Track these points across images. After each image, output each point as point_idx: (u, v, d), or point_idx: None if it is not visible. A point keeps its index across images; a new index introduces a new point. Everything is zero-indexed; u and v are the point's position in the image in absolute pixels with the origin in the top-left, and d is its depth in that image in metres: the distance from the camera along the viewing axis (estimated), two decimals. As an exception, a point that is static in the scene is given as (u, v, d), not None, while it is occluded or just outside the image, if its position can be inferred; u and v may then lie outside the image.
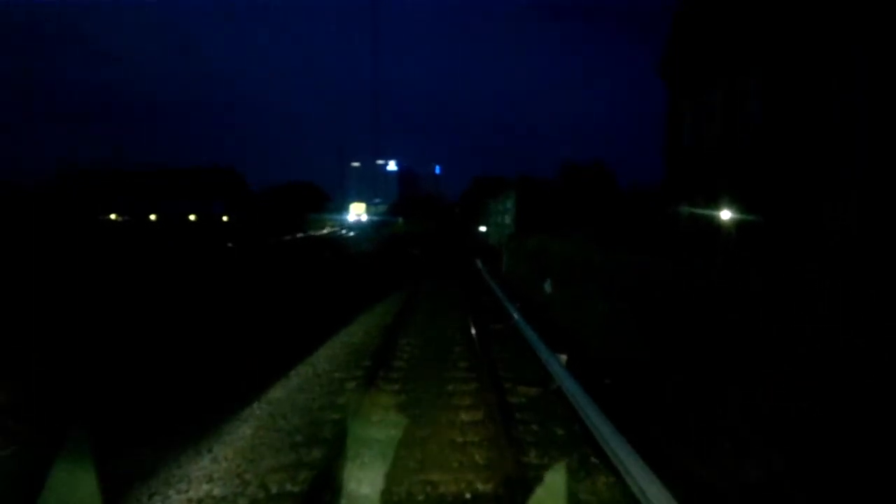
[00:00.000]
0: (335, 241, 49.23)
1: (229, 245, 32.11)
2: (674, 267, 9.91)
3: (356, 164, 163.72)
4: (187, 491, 4.89)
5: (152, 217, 71.81)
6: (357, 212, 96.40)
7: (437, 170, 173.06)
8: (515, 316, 10.78)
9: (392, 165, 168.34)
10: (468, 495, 4.81)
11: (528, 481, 4.94)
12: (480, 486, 4.93)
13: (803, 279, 6.02)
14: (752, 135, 15.50)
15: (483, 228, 42.72)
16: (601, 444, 5.12)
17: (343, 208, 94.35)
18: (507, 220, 22.08)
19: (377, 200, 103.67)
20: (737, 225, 15.52)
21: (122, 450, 5.48)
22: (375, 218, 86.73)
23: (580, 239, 14.22)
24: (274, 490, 4.89)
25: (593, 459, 5.37)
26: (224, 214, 70.64)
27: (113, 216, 71.09)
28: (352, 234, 62.05)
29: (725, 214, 16.01)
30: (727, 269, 8.45)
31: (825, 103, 12.71)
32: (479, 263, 25.70)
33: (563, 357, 6.89)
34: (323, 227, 72.20)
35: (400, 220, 75.18)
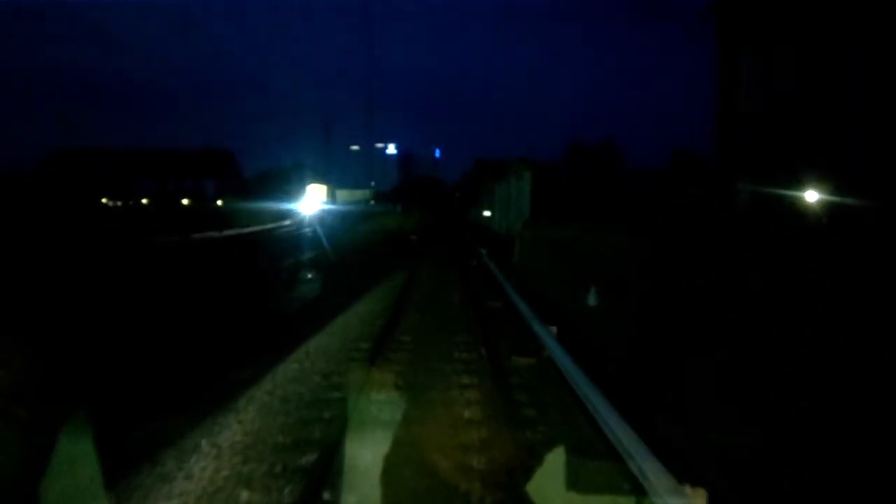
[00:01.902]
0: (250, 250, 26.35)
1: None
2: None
3: (355, 147, 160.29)
4: None
5: (144, 201, 67.96)
6: (317, 199, 61.33)
7: (437, 153, 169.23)
8: (551, 345, 7.21)
9: (392, 149, 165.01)
10: None
11: None
12: None
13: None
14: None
15: (487, 213, 39.25)
16: None
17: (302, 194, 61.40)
18: (520, 204, 18.45)
19: (373, 184, 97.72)
20: (830, 210, 11.91)
21: None
22: (351, 207, 57.89)
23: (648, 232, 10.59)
24: None
25: None
26: (218, 199, 66.58)
27: (104, 200, 67.30)
28: (306, 231, 36.17)
29: (812, 196, 12.38)
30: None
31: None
32: (484, 254, 22.29)
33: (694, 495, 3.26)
34: (268, 222, 45.75)
35: (399, 208, 70.38)
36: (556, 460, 4.74)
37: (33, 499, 3.96)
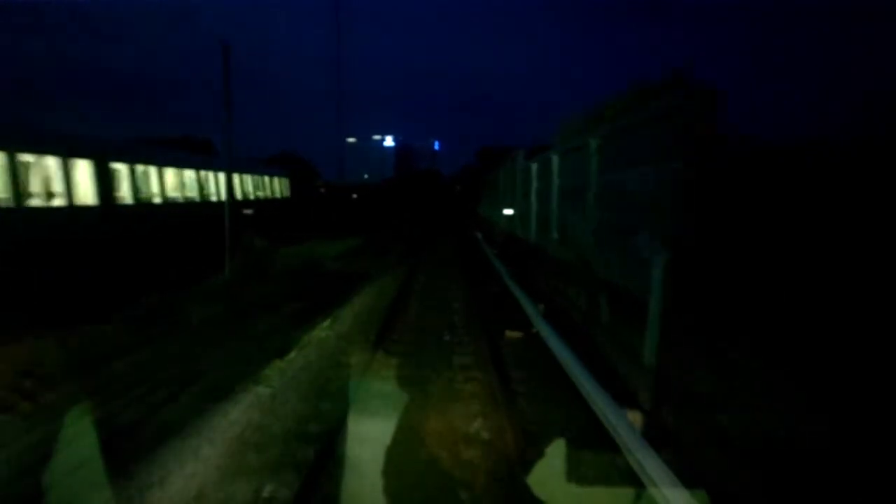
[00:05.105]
0: None
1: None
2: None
3: (352, 139, 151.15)
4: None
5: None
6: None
7: (436, 145, 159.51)
8: None
9: (389, 141, 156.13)
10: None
11: None
12: None
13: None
14: None
15: (508, 212, 26.05)
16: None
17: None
18: (630, 198, 6.98)
19: (366, 176, 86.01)
20: None
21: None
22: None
23: None
24: None
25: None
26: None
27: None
28: None
29: None
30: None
31: None
32: (522, 298, 11.05)
33: None
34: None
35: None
36: None
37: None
